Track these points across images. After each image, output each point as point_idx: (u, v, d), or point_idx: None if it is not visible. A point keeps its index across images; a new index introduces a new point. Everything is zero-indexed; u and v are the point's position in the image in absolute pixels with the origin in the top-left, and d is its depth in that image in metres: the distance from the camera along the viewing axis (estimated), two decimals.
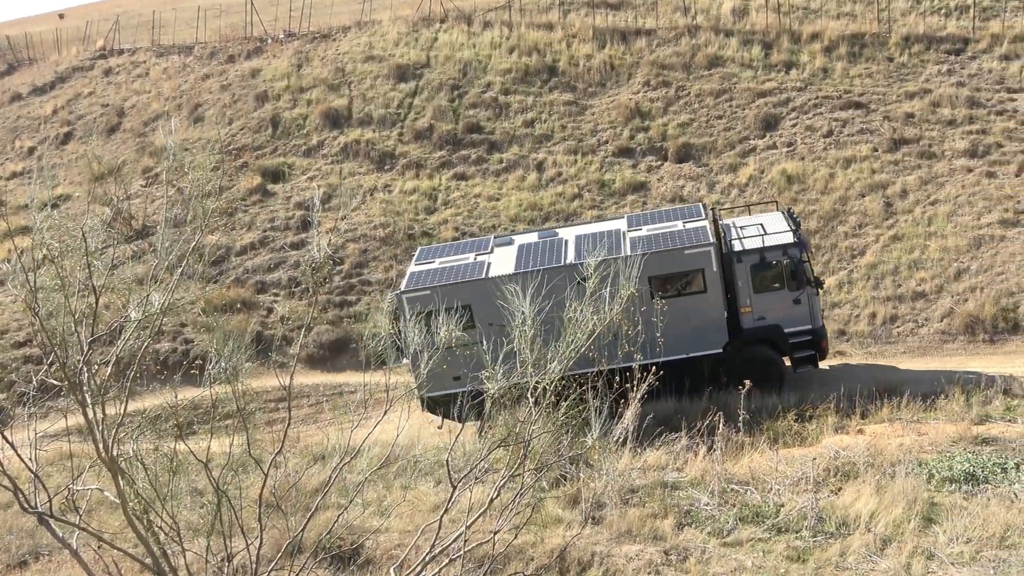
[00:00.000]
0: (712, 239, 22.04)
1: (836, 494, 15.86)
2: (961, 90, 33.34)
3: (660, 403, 21.11)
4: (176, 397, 11.13)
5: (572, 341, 13.28)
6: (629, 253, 22.11)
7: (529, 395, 12.78)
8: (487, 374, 12.68)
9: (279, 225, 33.76)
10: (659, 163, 33.75)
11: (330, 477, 12.38)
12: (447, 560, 12.05)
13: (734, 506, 15.82)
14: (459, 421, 22.88)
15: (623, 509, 15.79)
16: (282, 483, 15.10)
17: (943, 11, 37.59)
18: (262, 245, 33.04)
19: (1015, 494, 15.18)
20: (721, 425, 18.20)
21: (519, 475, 12.85)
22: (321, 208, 33.32)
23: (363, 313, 29.12)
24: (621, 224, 23.98)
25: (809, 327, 22.40)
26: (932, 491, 15.70)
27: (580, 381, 19.55)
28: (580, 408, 14.92)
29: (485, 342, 20.97)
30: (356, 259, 31.68)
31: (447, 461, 12.55)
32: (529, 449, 12.92)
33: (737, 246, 22.60)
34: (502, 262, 22.92)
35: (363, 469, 13.21)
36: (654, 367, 21.59)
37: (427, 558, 11.83)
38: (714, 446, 17.51)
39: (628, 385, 16.81)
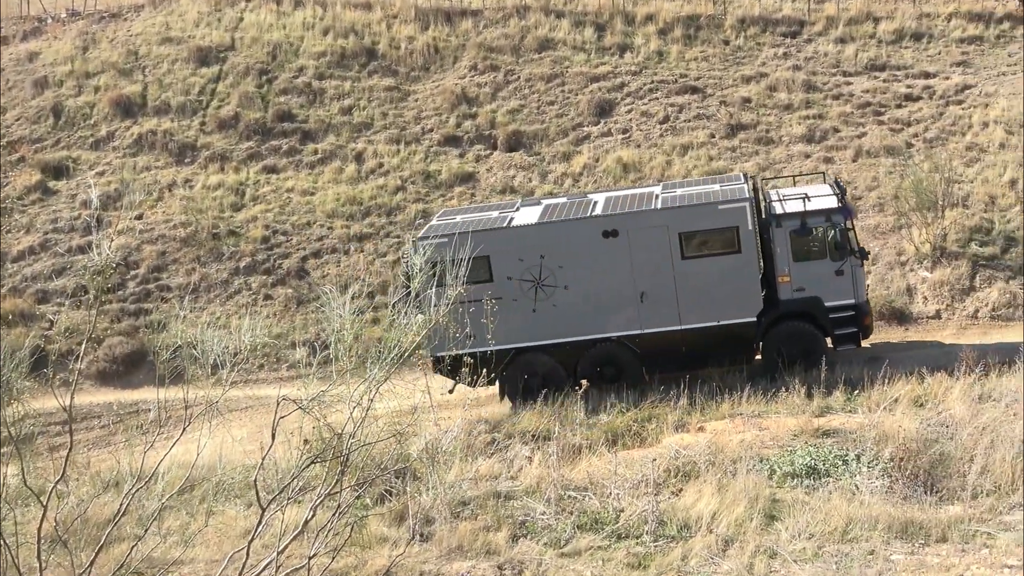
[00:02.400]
0: (748, 195, 22.21)
1: (677, 495, 16.32)
2: (798, 74, 34.90)
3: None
4: None
5: (394, 346, 13.12)
6: (659, 207, 22.53)
7: (348, 403, 12.66)
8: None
9: (63, 227, 32.42)
10: (488, 152, 34.04)
11: (122, 505, 11.96)
12: None
13: (572, 514, 16.06)
14: (471, 385, 23.02)
15: (453, 524, 15.82)
16: (67, 515, 14.48)
17: None
18: (43, 249, 31.67)
19: (856, 486, 15.97)
20: (557, 428, 18.50)
21: (337, 492, 12.71)
22: (112, 206, 32.30)
23: (162, 322, 28.30)
24: (655, 188, 24.47)
25: (852, 301, 22.27)
26: (774, 487, 16.36)
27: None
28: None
29: (502, 297, 21.91)
30: (153, 262, 30.76)
31: (255, 481, 12.29)
32: (347, 463, 12.78)
33: (777, 209, 22.64)
34: (526, 216, 23.20)
35: (160, 494, 12.81)
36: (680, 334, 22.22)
37: None
38: (550, 451, 17.76)
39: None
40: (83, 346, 14.57)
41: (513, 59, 37.15)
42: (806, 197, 22.67)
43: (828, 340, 22.57)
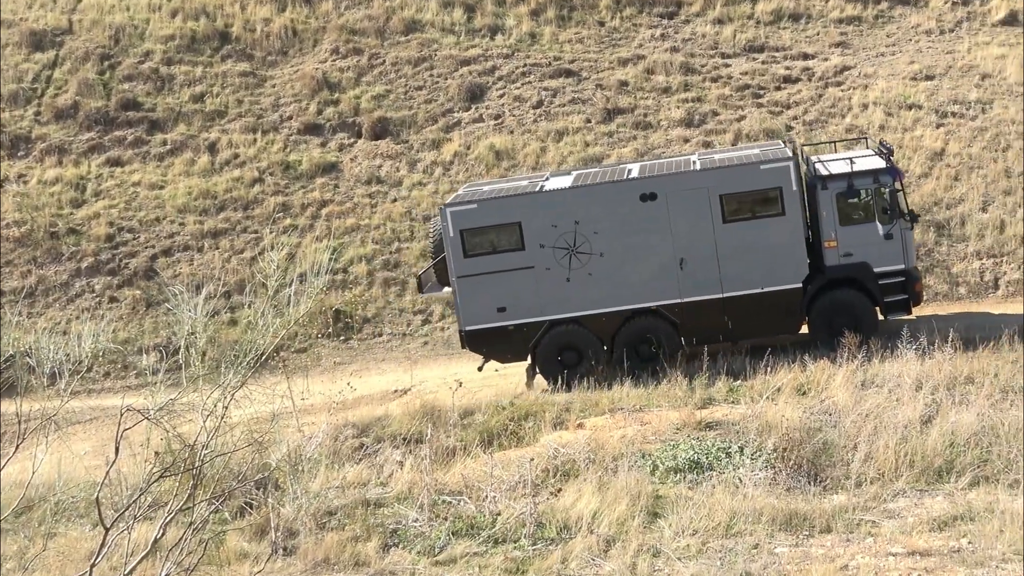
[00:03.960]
0: (790, 155, 22.30)
1: (556, 496, 16.45)
2: (675, 56, 35.46)
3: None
4: None
5: (251, 349, 12.87)
6: (699, 169, 22.66)
7: (200, 412, 12.41)
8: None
9: None
10: (352, 140, 33.78)
11: None
12: None
13: (446, 520, 16.09)
14: (503, 361, 22.72)
15: (319, 535, 15.70)
16: None
17: None
18: None
19: (740, 479, 16.30)
20: (430, 429, 18.43)
21: (190, 507, 12.44)
22: None
23: None
24: (693, 156, 24.59)
25: (902, 267, 22.31)
26: (656, 483, 16.61)
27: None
28: None
29: (535, 266, 22.00)
30: None
31: (97, 498, 11.94)
32: (201, 476, 12.51)
33: (822, 170, 22.68)
34: (559, 182, 23.31)
35: None
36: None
37: None
38: (423, 454, 17.71)
39: None
40: None
41: (378, 42, 36.90)
42: (851, 159, 22.96)
43: (877, 309, 22.75)
